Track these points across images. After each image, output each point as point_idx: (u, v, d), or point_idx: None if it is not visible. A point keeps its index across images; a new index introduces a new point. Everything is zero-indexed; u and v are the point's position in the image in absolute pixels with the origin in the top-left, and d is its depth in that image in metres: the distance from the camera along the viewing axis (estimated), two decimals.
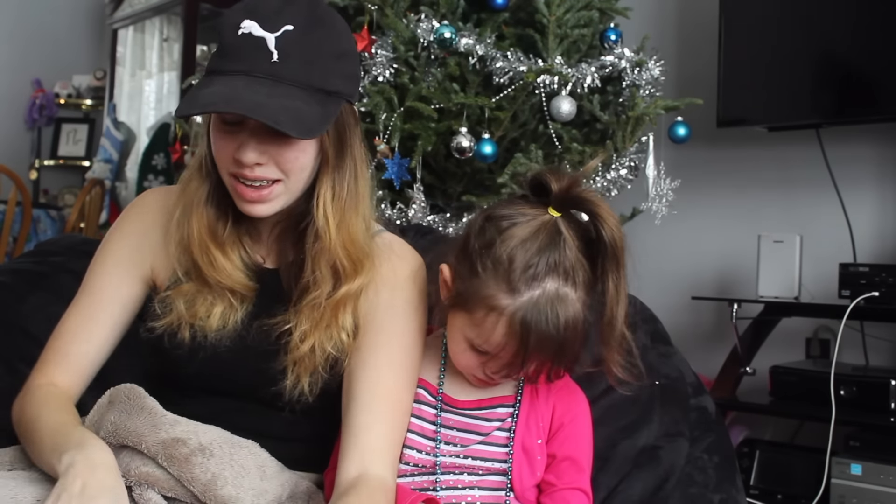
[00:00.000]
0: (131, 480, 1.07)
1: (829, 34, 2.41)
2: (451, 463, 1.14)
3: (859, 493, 2.00)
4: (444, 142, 2.12)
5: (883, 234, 2.48)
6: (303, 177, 1.12)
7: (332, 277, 1.14)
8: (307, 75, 1.08)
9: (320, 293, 1.13)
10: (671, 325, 1.52)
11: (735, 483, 1.30)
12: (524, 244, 1.07)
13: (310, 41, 1.09)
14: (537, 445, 1.14)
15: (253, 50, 1.06)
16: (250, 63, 1.06)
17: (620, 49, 2.13)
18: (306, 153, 1.11)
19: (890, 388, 2.08)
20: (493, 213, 1.12)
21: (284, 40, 1.07)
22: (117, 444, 1.09)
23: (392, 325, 1.16)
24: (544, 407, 1.16)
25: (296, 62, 1.07)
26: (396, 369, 1.14)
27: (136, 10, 4.66)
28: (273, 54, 1.06)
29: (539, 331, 1.04)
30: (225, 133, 1.10)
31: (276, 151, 1.09)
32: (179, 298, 1.16)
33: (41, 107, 4.99)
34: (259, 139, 1.08)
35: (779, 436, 2.52)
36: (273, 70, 1.06)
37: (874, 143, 2.49)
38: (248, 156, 1.07)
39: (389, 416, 1.12)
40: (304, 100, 1.07)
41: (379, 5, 2.15)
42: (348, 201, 1.15)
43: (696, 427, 1.32)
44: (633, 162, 2.13)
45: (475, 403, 1.16)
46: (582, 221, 1.09)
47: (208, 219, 1.16)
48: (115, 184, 4.59)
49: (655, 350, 1.38)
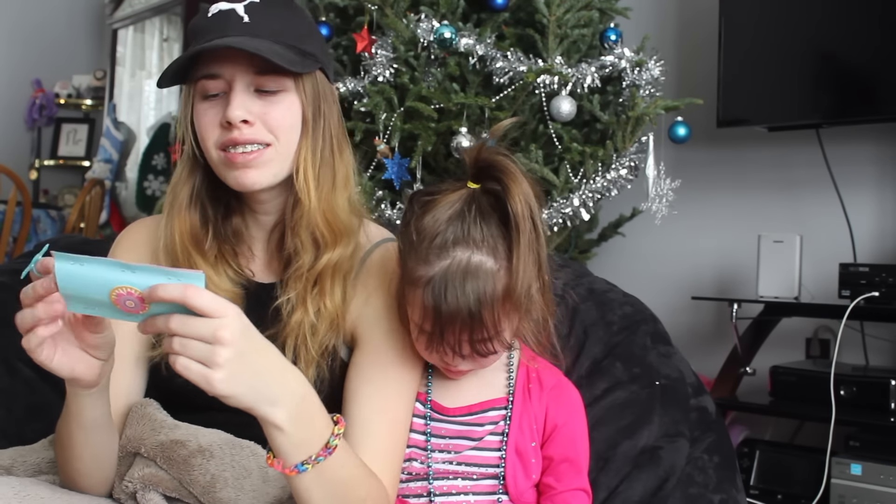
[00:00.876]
0: (135, 484, 1.06)
1: (829, 34, 2.41)
2: (443, 469, 1.13)
3: (859, 493, 2.00)
4: (444, 142, 2.12)
5: (883, 234, 2.48)
6: (292, 139, 1.12)
7: (313, 247, 1.13)
8: (280, 34, 1.11)
9: (302, 263, 1.13)
10: (671, 325, 1.52)
11: (735, 483, 1.29)
12: (434, 216, 1.06)
13: (277, 12, 1.13)
14: (531, 448, 1.13)
15: (223, 19, 1.10)
16: (223, 28, 1.09)
17: (620, 49, 2.14)
18: (292, 112, 1.12)
19: (890, 388, 2.08)
20: (418, 192, 1.12)
21: (252, 8, 1.11)
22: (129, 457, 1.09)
23: (391, 342, 1.14)
24: (538, 408, 1.15)
25: (266, 23, 1.10)
26: (396, 388, 1.13)
27: (136, 10, 4.66)
28: (244, 17, 1.10)
29: (448, 301, 1.03)
30: (208, 106, 1.11)
31: (262, 111, 1.10)
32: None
33: (41, 107, 4.99)
34: (243, 98, 1.09)
35: (779, 436, 2.51)
36: (246, 29, 1.09)
37: (874, 143, 2.49)
38: (234, 112, 1.08)
39: (389, 435, 1.10)
40: (282, 47, 1.09)
41: (379, 5, 2.15)
42: (325, 171, 1.15)
43: (697, 427, 1.32)
44: (633, 162, 2.13)
45: (465, 409, 1.15)
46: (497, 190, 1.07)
47: (191, 223, 1.16)
48: (115, 184, 4.60)
49: (656, 350, 1.37)
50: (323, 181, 1.14)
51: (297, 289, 1.13)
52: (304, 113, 1.13)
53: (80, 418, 1.01)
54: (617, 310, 1.41)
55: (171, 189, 1.19)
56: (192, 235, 1.15)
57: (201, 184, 1.17)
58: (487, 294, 1.04)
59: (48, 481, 1.11)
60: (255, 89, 1.10)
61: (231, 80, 1.09)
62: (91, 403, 1.00)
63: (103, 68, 5.03)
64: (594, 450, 1.22)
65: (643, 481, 1.22)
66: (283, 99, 1.11)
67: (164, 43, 4.78)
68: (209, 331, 0.83)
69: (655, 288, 2.43)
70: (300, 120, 1.13)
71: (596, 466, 1.21)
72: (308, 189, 1.12)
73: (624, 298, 1.45)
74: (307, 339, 1.12)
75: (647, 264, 2.75)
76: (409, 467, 1.14)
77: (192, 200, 1.16)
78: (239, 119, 1.08)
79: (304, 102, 1.13)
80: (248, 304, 1.16)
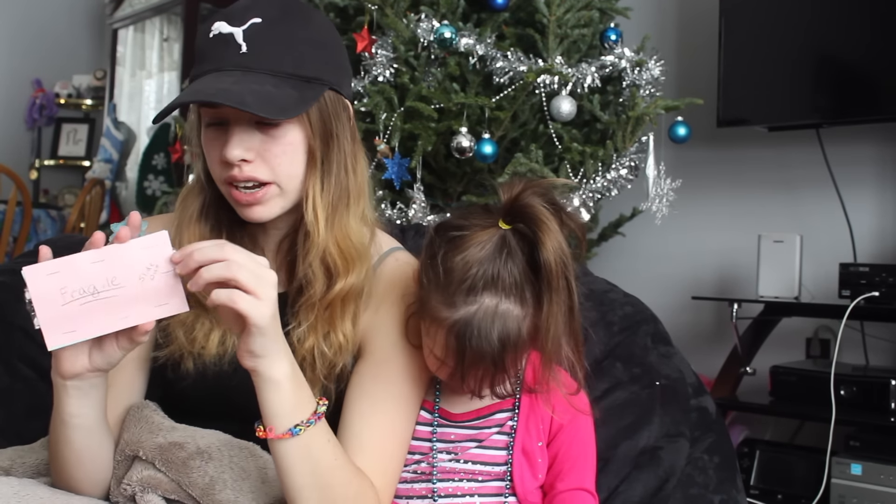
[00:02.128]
0: (134, 487, 1.06)
1: (829, 34, 2.41)
2: (448, 468, 1.13)
3: (859, 493, 2.00)
4: (444, 142, 2.12)
5: (883, 234, 2.48)
6: (294, 175, 1.09)
7: (325, 276, 1.11)
8: (278, 62, 1.06)
9: (314, 293, 1.11)
10: (671, 325, 1.52)
11: (735, 484, 1.29)
12: (465, 257, 1.04)
13: (281, 30, 1.08)
14: (538, 448, 1.13)
15: (222, 47, 1.06)
16: (219, 60, 1.06)
17: (620, 49, 2.14)
18: (294, 146, 1.08)
19: (890, 388, 2.08)
20: (445, 224, 1.09)
21: (252, 32, 1.06)
22: (124, 460, 1.09)
23: (395, 357, 1.13)
24: (544, 408, 1.14)
25: (265, 51, 1.06)
26: (396, 404, 1.11)
27: (136, 10, 4.66)
28: (241, 46, 1.05)
29: (472, 346, 1.02)
30: (212, 138, 1.09)
31: (261, 147, 1.07)
32: (178, 328, 1.13)
33: (41, 107, 4.99)
34: (242, 135, 1.06)
35: (779, 436, 2.51)
36: (242, 61, 1.05)
37: (874, 143, 2.49)
38: (232, 152, 1.05)
39: (384, 452, 1.09)
40: (275, 84, 1.05)
41: (379, 5, 2.15)
42: (338, 197, 1.12)
43: (697, 427, 1.32)
44: (633, 162, 2.13)
45: (473, 414, 1.15)
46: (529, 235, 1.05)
47: (201, 235, 1.14)
48: (115, 184, 4.60)
49: (656, 350, 1.37)
50: (336, 207, 1.11)
51: (310, 319, 1.11)
52: (310, 145, 1.09)
53: (63, 415, 1.00)
54: (617, 310, 1.41)
55: (182, 200, 1.18)
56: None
57: (212, 198, 1.15)
58: (511, 340, 1.03)
59: (47, 482, 1.10)
60: (256, 123, 1.07)
61: (228, 115, 1.06)
62: (76, 401, 0.98)
63: (103, 68, 5.03)
64: None
65: (643, 482, 1.22)
66: (285, 133, 1.07)
67: (164, 43, 4.78)
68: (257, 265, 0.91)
69: (655, 288, 2.43)
70: (303, 153, 1.09)
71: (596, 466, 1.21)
72: (318, 222, 1.10)
73: (624, 298, 1.45)
74: (315, 363, 1.11)
75: (647, 264, 2.75)
76: (415, 468, 1.13)
77: (202, 213, 1.15)
78: (237, 159, 1.05)
79: (310, 134, 1.09)
80: None
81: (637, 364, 1.34)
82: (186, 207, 1.16)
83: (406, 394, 1.12)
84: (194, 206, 1.16)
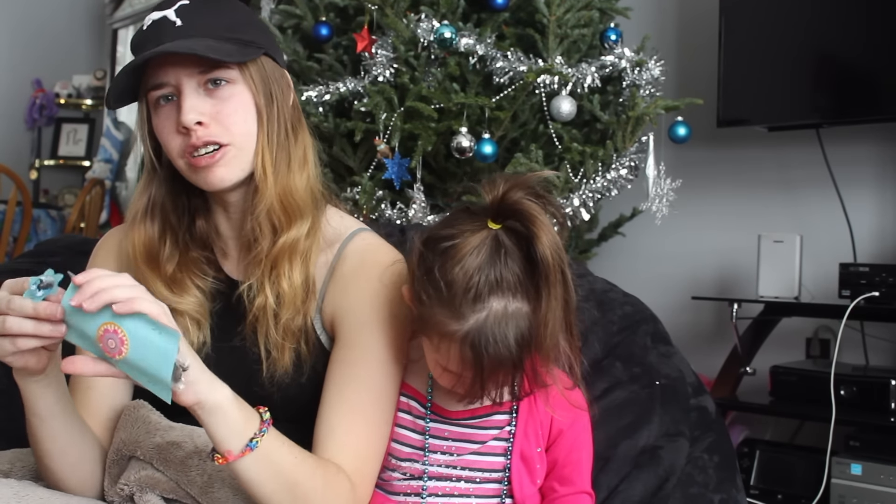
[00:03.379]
0: (132, 487, 1.06)
1: (829, 34, 2.41)
2: (442, 472, 1.11)
3: (859, 493, 2.00)
4: (444, 142, 2.12)
5: (883, 234, 2.48)
6: (248, 133, 1.12)
7: (271, 232, 1.13)
8: (214, 30, 1.10)
9: (260, 249, 1.13)
10: (671, 325, 1.52)
11: (735, 483, 1.29)
12: (463, 266, 1.01)
13: (210, 8, 1.12)
14: (537, 454, 1.12)
15: (157, 29, 1.09)
16: (157, 38, 1.09)
17: (620, 49, 2.14)
18: (243, 104, 1.11)
19: (890, 388, 2.08)
20: (432, 236, 1.07)
21: (183, 9, 1.10)
22: (121, 460, 1.09)
23: (366, 338, 1.13)
24: (543, 412, 1.13)
25: (199, 22, 1.09)
26: (367, 386, 1.11)
27: (136, 10, 4.66)
28: (176, 22, 1.09)
29: (490, 353, 1.00)
30: (164, 115, 1.11)
31: (214, 109, 1.09)
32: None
33: (41, 107, 4.99)
34: (193, 101, 1.09)
35: (779, 436, 2.51)
36: (179, 32, 1.08)
37: (874, 143, 2.49)
38: (187, 116, 1.07)
39: (357, 437, 1.09)
40: (218, 41, 1.09)
41: (379, 5, 2.15)
42: (280, 155, 1.14)
43: (697, 427, 1.32)
44: (633, 162, 2.13)
45: (469, 413, 1.13)
46: (522, 231, 1.03)
47: (146, 236, 1.16)
48: (115, 184, 4.60)
49: (656, 350, 1.37)
50: (279, 165, 1.14)
51: (257, 274, 1.13)
52: (257, 102, 1.12)
53: (35, 408, 1.01)
54: (617, 310, 1.41)
55: (132, 201, 1.20)
56: (146, 249, 1.16)
57: (158, 194, 1.17)
58: (527, 338, 1.01)
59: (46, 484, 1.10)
60: (205, 89, 1.10)
61: (178, 85, 1.09)
62: (41, 392, 1.00)
63: (103, 68, 5.03)
64: (594, 450, 1.22)
65: (643, 481, 1.22)
66: (232, 92, 1.11)
67: None
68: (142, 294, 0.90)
69: (655, 288, 2.43)
70: (254, 111, 1.12)
71: (596, 466, 1.21)
72: (266, 176, 1.12)
73: (624, 298, 1.44)
74: (269, 323, 1.12)
75: (647, 264, 2.75)
76: (409, 468, 1.12)
77: (147, 212, 1.17)
78: (193, 122, 1.08)
79: (255, 91, 1.12)
80: (223, 304, 1.17)
81: (637, 363, 1.34)
82: (132, 208, 1.18)
83: (380, 376, 1.12)
84: (139, 204, 1.17)
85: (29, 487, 1.04)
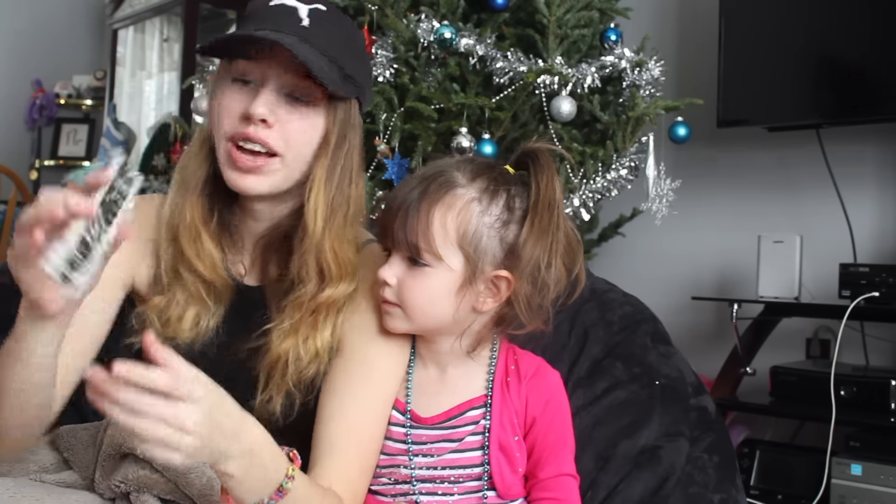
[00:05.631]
0: (129, 486, 1.06)
1: (829, 34, 2.41)
2: (426, 475, 1.12)
3: (859, 494, 1.99)
4: (444, 142, 2.12)
5: (883, 234, 2.48)
6: (303, 156, 1.09)
7: (318, 277, 1.11)
8: (332, 49, 1.07)
9: (305, 292, 1.10)
10: (671, 326, 1.52)
11: (735, 483, 1.30)
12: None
13: (340, 24, 1.11)
14: (515, 443, 1.12)
15: (284, 15, 1.07)
16: (279, 23, 1.06)
17: (620, 49, 2.14)
18: (314, 130, 1.09)
19: (890, 388, 2.08)
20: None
21: (315, 13, 1.07)
22: (117, 455, 1.08)
23: (373, 354, 1.12)
24: (517, 401, 1.14)
25: (323, 35, 1.07)
26: (369, 402, 1.11)
27: (137, 11, 4.66)
28: (303, 20, 1.06)
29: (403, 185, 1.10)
30: (236, 91, 1.08)
31: (286, 117, 1.07)
32: (153, 311, 1.13)
33: (41, 107, 4.98)
34: (271, 97, 1.06)
35: (779, 436, 2.51)
36: (302, 32, 1.06)
37: (874, 143, 2.49)
38: (259, 108, 1.04)
39: (355, 453, 1.08)
40: (328, 64, 1.06)
41: (379, 5, 2.15)
42: (339, 203, 1.11)
43: (697, 427, 1.32)
44: (633, 162, 2.13)
45: (444, 416, 1.14)
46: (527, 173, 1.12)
47: (202, 208, 1.14)
48: None
49: (656, 350, 1.38)
50: (336, 211, 1.11)
51: (294, 318, 1.11)
52: (328, 136, 1.10)
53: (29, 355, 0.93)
54: (617, 310, 1.41)
55: (182, 168, 1.16)
56: (202, 218, 1.13)
57: (214, 170, 1.14)
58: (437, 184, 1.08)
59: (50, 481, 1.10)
60: (287, 94, 1.08)
61: (265, 75, 1.07)
62: (46, 340, 0.93)
63: (103, 68, 5.03)
64: (594, 449, 1.22)
65: (643, 481, 1.22)
66: (309, 114, 1.08)
67: (164, 43, 4.78)
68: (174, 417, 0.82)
69: (655, 288, 2.43)
70: (319, 140, 1.10)
71: (596, 466, 1.21)
72: (316, 216, 1.09)
73: (624, 298, 1.45)
74: (287, 368, 1.10)
75: (647, 264, 2.75)
76: (394, 473, 1.13)
77: (205, 185, 1.14)
78: (261, 116, 1.05)
79: (330, 125, 1.10)
80: (234, 304, 1.16)
81: (637, 363, 1.34)
82: (189, 175, 1.14)
83: (381, 394, 1.12)
84: (198, 175, 1.14)
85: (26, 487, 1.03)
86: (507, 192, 1.10)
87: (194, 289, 1.12)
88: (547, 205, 1.08)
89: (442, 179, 1.09)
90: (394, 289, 1.10)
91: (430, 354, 1.17)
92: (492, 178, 1.10)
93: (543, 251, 1.08)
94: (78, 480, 1.12)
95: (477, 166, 1.11)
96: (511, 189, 1.10)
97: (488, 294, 1.10)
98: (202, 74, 2.35)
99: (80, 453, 1.13)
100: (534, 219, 1.08)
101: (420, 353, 1.18)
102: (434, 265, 1.08)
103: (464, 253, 1.08)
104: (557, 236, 1.10)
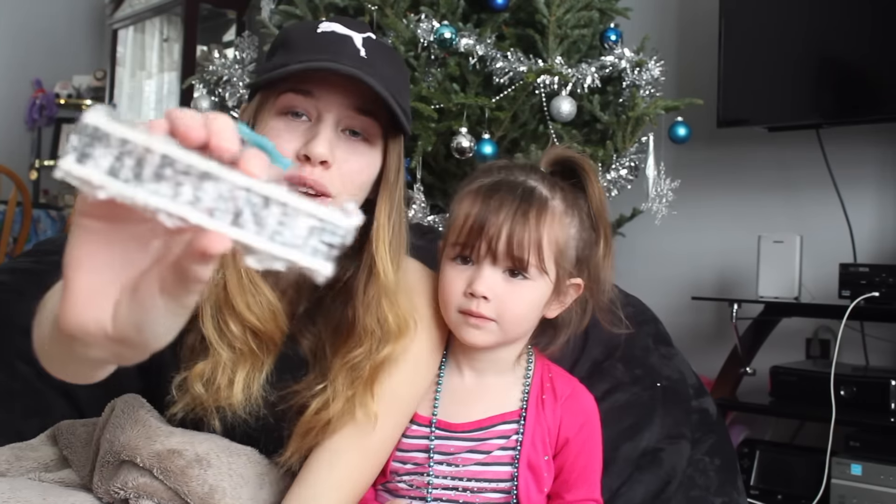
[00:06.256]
0: (129, 492, 1.04)
1: (829, 34, 2.41)
2: (447, 483, 1.09)
3: (859, 494, 1.99)
4: (444, 142, 2.12)
5: (883, 234, 2.48)
6: (355, 198, 1.00)
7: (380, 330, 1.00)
8: (390, 82, 0.98)
9: (365, 351, 1.00)
10: (671, 326, 1.52)
11: (736, 486, 1.29)
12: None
13: (391, 55, 1.04)
14: (544, 462, 1.10)
15: (339, 43, 0.97)
16: (337, 53, 0.95)
17: (620, 49, 2.14)
18: (371, 168, 1.00)
19: (890, 389, 2.08)
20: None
21: (370, 43, 0.99)
22: (116, 462, 1.07)
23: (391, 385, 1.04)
24: (551, 420, 1.11)
25: (382, 65, 0.99)
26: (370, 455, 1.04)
27: (136, 11, 4.66)
28: (360, 51, 0.98)
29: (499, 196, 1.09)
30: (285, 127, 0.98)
31: (343, 157, 0.98)
32: (196, 381, 1.02)
33: (41, 107, 4.98)
34: (330, 135, 0.97)
35: (779, 436, 2.51)
36: (361, 64, 0.95)
37: (874, 143, 2.49)
38: (318, 149, 0.94)
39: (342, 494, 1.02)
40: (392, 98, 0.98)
41: (379, 5, 2.15)
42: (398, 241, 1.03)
43: (698, 429, 1.32)
44: (633, 162, 2.13)
45: (475, 424, 1.11)
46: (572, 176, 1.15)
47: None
48: None
49: (657, 352, 1.37)
50: (398, 250, 1.02)
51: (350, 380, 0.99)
52: (387, 173, 1.02)
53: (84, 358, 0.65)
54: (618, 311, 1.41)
55: None
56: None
57: None
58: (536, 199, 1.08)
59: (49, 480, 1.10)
60: (344, 129, 0.99)
61: (322, 110, 0.97)
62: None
63: (103, 68, 5.03)
64: None
65: (645, 483, 1.22)
66: (367, 151, 1.00)
67: (164, 43, 4.78)
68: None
69: (655, 288, 2.43)
70: (374, 179, 1.01)
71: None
72: (384, 261, 0.99)
73: (625, 299, 1.44)
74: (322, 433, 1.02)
75: (647, 264, 2.75)
76: (412, 480, 1.10)
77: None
78: (321, 158, 0.94)
79: (389, 162, 1.03)
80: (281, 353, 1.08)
81: (638, 365, 1.34)
82: None
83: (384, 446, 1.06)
84: None
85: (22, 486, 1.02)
86: (577, 204, 1.13)
87: (244, 346, 1.01)
88: (603, 212, 1.15)
89: (536, 193, 1.09)
90: (491, 303, 1.07)
91: (470, 362, 1.14)
92: (562, 189, 1.13)
93: (606, 255, 1.16)
94: (77, 479, 1.12)
95: (545, 177, 1.13)
96: (579, 199, 1.14)
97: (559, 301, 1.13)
98: (202, 74, 2.35)
99: (79, 451, 1.13)
100: (600, 226, 1.15)
101: (456, 360, 1.15)
102: (534, 277, 1.08)
103: (556, 264, 1.09)
104: (612, 240, 1.17)
